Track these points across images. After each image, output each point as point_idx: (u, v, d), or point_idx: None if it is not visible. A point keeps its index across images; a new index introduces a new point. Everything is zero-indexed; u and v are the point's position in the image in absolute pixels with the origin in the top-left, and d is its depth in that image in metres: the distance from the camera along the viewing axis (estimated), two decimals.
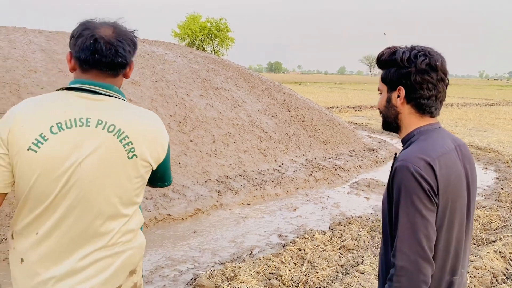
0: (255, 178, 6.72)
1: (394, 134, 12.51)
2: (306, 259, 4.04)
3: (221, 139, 7.30)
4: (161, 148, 1.50)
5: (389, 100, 1.50)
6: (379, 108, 1.58)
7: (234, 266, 3.70)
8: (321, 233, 4.68)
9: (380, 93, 1.55)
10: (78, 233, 1.38)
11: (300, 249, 4.21)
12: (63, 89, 1.41)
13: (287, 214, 5.72)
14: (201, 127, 7.33)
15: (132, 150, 1.41)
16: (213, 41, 47.55)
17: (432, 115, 1.46)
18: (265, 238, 4.90)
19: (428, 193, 1.29)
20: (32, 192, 1.34)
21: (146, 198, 5.40)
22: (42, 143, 1.32)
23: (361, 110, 20.96)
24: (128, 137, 1.40)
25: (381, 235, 3.93)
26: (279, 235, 4.99)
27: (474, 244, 4.66)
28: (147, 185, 1.60)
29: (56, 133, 1.33)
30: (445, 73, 1.42)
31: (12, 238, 1.42)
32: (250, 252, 4.46)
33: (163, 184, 1.70)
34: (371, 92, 40.68)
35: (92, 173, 1.36)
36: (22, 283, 1.40)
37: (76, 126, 1.35)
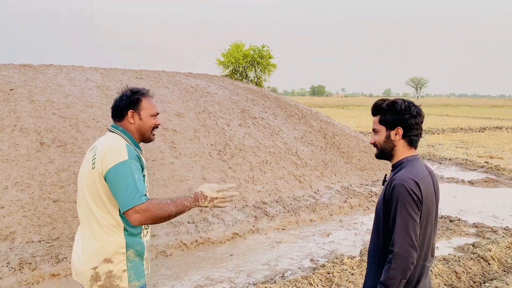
0: (291, 204, 7.03)
1: (435, 160, 12.36)
2: (334, 282, 4.29)
3: (258, 167, 7.70)
4: (104, 164, 2.06)
5: (388, 137, 2.07)
6: (375, 143, 2.14)
7: (265, 287, 4.02)
8: (350, 258, 4.91)
9: (377, 132, 2.12)
10: (82, 221, 2.20)
11: (328, 273, 4.46)
12: None
13: (320, 240, 5.98)
14: (239, 155, 7.78)
15: (94, 162, 2.11)
16: (256, 68, 48.82)
17: (415, 147, 2.08)
18: (297, 262, 5.19)
19: (417, 202, 1.88)
20: None
21: (189, 223, 5.86)
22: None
23: None
24: (95, 154, 2.12)
25: None
26: (311, 259, 5.26)
27: None
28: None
29: (88, 153, 2.24)
30: (424, 117, 2.08)
31: None
32: (282, 275, 4.76)
33: (120, 207, 2.00)
34: None
35: (82, 181, 2.17)
36: None
37: (92, 149, 2.21)
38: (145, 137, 2.31)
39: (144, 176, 2.21)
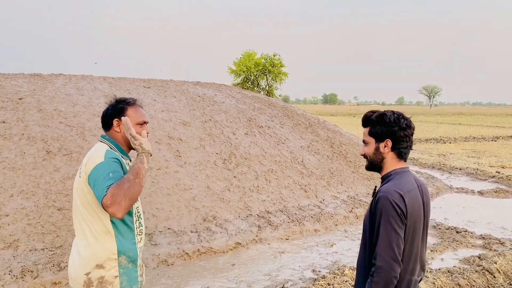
0: (295, 213, 6.99)
1: (445, 169, 12.20)
2: None
3: (263, 175, 7.69)
4: (86, 172, 2.14)
5: (377, 149, 2.05)
6: (364, 154, 2.12)
7: None
8: (352, 269, 4.85)
9: (366, 144, 2.10)
10: (76, 229, 2.25)
11: (329, 284, 4.41)
12: None
13: (323, 250, 5.92)
14: (244, 164, 7.78)
15: (80, 171, 2.20)
16: (267, 76, 48.97)
17: (405, 160, 2.06)
18: (299, 273, 5.14)
19: (400, 215, 1.86)
20: None
21: (191, 232, 5.86)
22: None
23: (414, 144, 20.52)
24: (82, 164, 2.22)
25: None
26: (313, 270, 5.21)
27: None
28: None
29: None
30: (414, 129, 2.05)
31: None
32: (282, 286, 4.72)
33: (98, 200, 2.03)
34: (428, 123, 39.57)
35: (74, 191, 2.25)
36: None
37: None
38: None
39: None
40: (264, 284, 4.78)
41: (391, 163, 2.04)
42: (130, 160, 2.38)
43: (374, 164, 2.09)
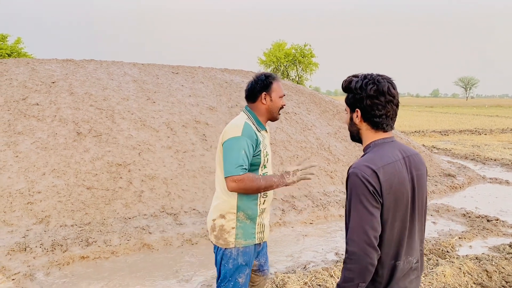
0: (320, 199, 6.95)
1: (479, 160, 11.82)
2: None
3: (288, 161, 7.66)
4: (224, 137, 2.46)
5: (351, 119, 1.85)
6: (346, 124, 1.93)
7: (284, 275, 4.00)
8: None
9: (346, 113, 1.90)
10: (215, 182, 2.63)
11: None
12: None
13: None
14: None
15: (220, 140, 2.51)
16: (297, 67, 48.51)
17: (384, 130, 1.78)
18: (321, 255, 5.12)
19: (373, 193, 1.60)
20: None
21: None
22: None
23: (447, 135, 19.95)
24: (221, 133, 2.53)
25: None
26: (336, 253, 5.17)
27: None
28: None
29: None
30: (393, 96, 1.74)
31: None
32: (304, 266, 4.71)
33: (224, 174, 2.41)
34: (464, 115, 38.33)
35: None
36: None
37: None
38: (273, 116, 2.64)
39: (259, 151, 2.50)
40: (286, 265, 4.78)
41: (367, 134, 1.81)
42: (266, 131, 2.67)
43: (353, 135, 1.89)
